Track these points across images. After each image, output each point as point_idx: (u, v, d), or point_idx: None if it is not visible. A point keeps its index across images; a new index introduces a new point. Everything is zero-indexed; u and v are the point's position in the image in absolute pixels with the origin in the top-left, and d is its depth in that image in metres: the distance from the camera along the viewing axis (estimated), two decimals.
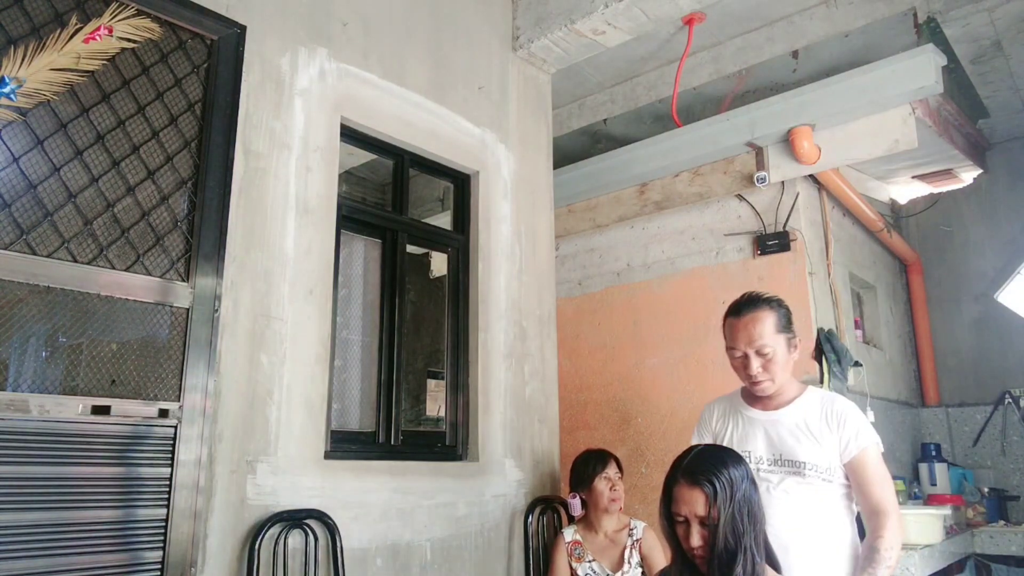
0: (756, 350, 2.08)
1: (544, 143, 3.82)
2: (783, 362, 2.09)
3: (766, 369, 2.08)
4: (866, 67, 3.48)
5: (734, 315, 2.15)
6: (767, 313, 2.10)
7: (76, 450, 1.95)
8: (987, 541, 3.90)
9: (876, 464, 2.04)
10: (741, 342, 2.10)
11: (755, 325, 2.08)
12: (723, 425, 2.25)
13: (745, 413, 2.20)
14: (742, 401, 2.23)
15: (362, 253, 3.03)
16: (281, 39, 2.64)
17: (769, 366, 2.08)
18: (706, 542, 1.59)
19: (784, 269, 3.67)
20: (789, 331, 2.13)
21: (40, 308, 1.95)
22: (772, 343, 2.07)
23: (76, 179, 2.07)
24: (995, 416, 4.59)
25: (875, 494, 2.00)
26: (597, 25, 3.47)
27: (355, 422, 2.88)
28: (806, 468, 2.04)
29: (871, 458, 2.03)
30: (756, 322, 2.09)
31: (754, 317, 2.09)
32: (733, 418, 2.23)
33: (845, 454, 2.04)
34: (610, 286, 4.43)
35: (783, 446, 2.08)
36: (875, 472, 2.02)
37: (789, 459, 2.07)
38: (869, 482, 2.01)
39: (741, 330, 2.11)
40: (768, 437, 2.12)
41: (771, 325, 2.09)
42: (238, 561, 2.23)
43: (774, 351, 2.07)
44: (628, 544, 2.84)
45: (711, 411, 2.33)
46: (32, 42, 2.00)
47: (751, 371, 2.09)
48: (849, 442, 2.03)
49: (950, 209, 5.01)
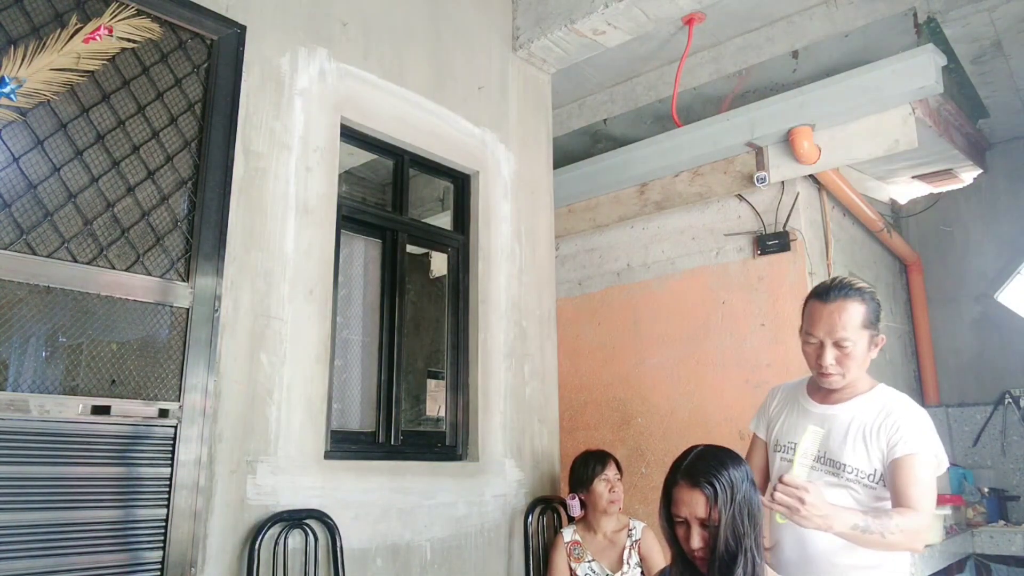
0: (835, 341, 1.89)
1: (544, 143, 3.82)
2: (860, 359, 1.91)
3: (840, 363, 1.91)
4: (866, 67, 3.48)
5: (819, 298, 1.94)
6: (857, 304, 1.90)
7: (76, 450, 1.95)
8: (987, 541, 3.91)
9: (922, 470, 1.81)
10: (821, 330, 1.91)
11: (840, 315, 1.88)
12: (779, 411, 2.13)
13: (802, 403, 2.06)
14: (804, 390, 2.08)
15: (362, 253, 3.03)
16: (281, 39, 2.64)
17: (844, 360, 1.90)
18: (706, 544, 1.58)
19: (784, 269, 3.67)
20: (875, 327, 1.93)
21: (40, 308, 1.95)
22: (854, 337, 1.89)
23: (76, 179, 2.07)
24: (995, 416, 4.59)
25: (910, 493, 1.78)
26: (597, 25, 3.47)
27: (355, 422, 2.87)
28: (846, 471, 1.90)
29: (917, 463, 1.81)
30: (843, 311, 1.88)
31: (842, 306, 1.89)
32: (790, 406, 2.10)
33: (890, 454, 1.85)
34: (610, 286, 4.43)
35: (829, 444, 1.93)
36: (917, 475, 1.80)
37: (831, 459, 1.93)
38: (906, 483, 1.79)
39: (824, 317, 1.90)
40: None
41: (858, 318, 1.89)
42: (238, 561, 2.23)
43: (854, 346, 1.89)
44: (627, 544, 2.84)
45: (774, 395, 2.20)
46: (32, 42, 2.00)
47: (823, 361, 1.91)
48: (896, 445, 1.84)
49: (950, 209, 5.01)
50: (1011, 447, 4.51)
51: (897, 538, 1.73)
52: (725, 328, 3.87)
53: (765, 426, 2.19)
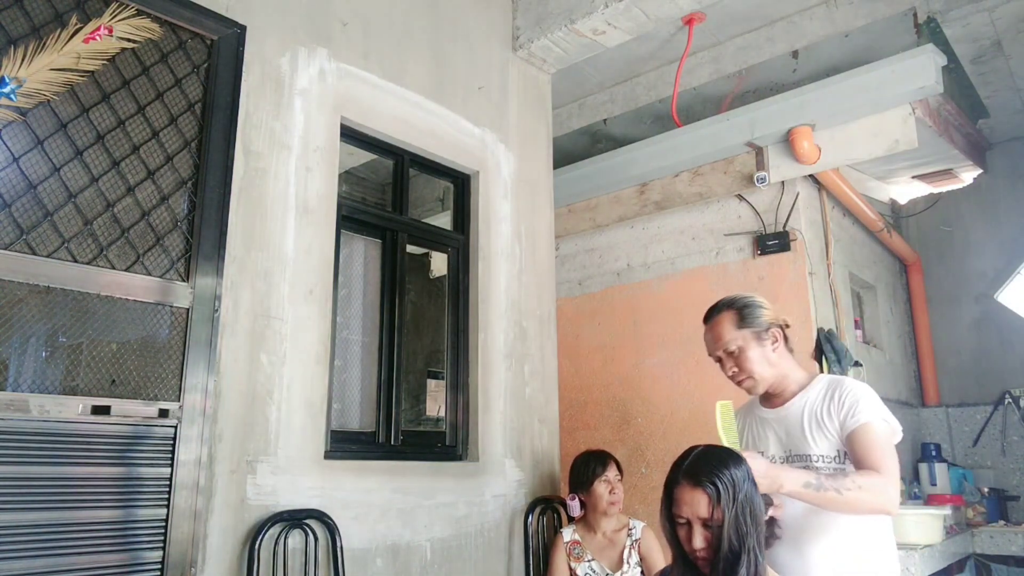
0: (723, 350, 2.10)
1: (544, 143, 3.82)
2: (757, 357, 2.06)
3: (740, 367, 2.07)
4: (866, 67, 3.48)
5: (705, 324, 2.18)
6: (724, 314, 2.11)
7: (76, 450, 1.95)
8: (987, 541, 3.91)
9: (879, 437, 1.87)
10: (711, 347, 2.14)
11: (715, 328, 2.12)
12: (744, 425, 2.22)
13: (758, 414, 2.18)
14: (758, 403, 2.21)
15: (362, 253, 3.03)
16: (281, 39, 2.64)
17: (742, 363, 2.07)
18: (709, 544, 1.58)
19: (784, 269, 3.67)
20: (754, 325, 2.07)
21: (40, 308, 1.95)
22: (734, 340, 2.07)
23: (76, 179, 2.07)
24: (995, 416, 4.59)
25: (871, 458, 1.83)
26: (597, 25, 3.47)
27: (355, 422, 2.87)
28: (813, 461, 1.97)
29: (872, 431, 1.87)
30: (716, 325, 2.12)
31: (714, 322, 2.13)
32: (750, 419, 2.21)
33: (844, 430, 1.92)
34: (610, 286, 4.43)
35: (792, 441, 2.04)
36: (875, 442, 1.85)
37: (798, 454, 2.02)
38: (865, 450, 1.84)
39: (708, 336, 2.15)
40: (778, 434, 2.08)
41: (729, 323, 2.09)
42: (238, 561, 2.23)
43: (739, 348, 2.06)
44: (627, 544, 2.84)
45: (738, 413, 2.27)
46: (32, 42, 2.00)
47: (727, 373, 2.12)
48: (847, 417, 1.92)
49: (950, 209, 5.01)
50: (1011, 447, 4.52)
51: (855, 495, 1.77)
52: None
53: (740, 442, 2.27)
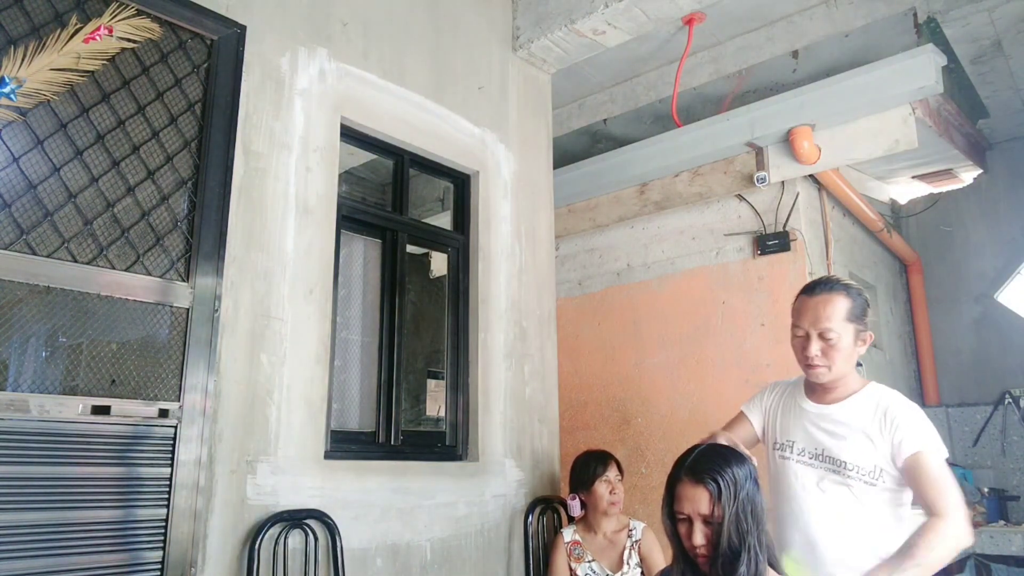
0: (820, 332, 1.97)
1: (544, 143, 3.82)
2: (846, 352, 1.98)
3: (825, 354, 1.97)
4: (866, 67, 3.48)
5: (806, 293, 2.05)
6: (841, 297, 1.99)
7: (76, 450, 1.95)
8: (987, 541, 3.90)
9: (932, 467, 1.87)
10: (806, 320, 2.00)
11: (825, 306, 1.98)
12: (775, 407, 2.18)
13: (799, 402, 2.12)
14: (801, 389, 2.14)
15: (362, 253, 3.03)
16: (281, 39, 2.64)
17: (829, 352, 1.97)
18: (709, 541, 1.58)
19: (784, 269, 3.67)
20: (861, 323, 2.01)
21: (40, 308, 1.95)
22: (838, 329, 1.96)
23: (76, 179, 2.07)
24: (995, 416, 4.59)
25: (929, 496, 1.85)
26: (597, 25, 3.47)
27: (355, 422, 2.87)
28: (847, 468, 1.95)
29: (925, 462, 1.87)
30: (827, 303, 1.98)
31: (826, 298, 1.99)
32: (786, 403, 2.15)
33: (898, 458, 1.91)
34: (610, 286, 4.43)
35: (827, 442, 2.00)
36: (929, 475, 1.86)
37: (830, 456, 1.99)
38: (923, 486, 1.86)
39: (810, 309, 2.00)
40: (813, 430, 2.04)
41: (842, 310, 1.97)
42: (238, 561, 2.23)
43: (839, 337, 1.96)
44: (627, 545, 2.84)
45: (773, 388, 2.25)
46: (32, 42, 2.00)
47: (809, 352, 1.99)
48: (901, 444, 1.90)
49: (950, 209, 5.01)
50: (1011, 447, 4.52)
51: (936, 555, 1.77)
52: (725, 328, 3.88)
53: (759, 414, 2.23)
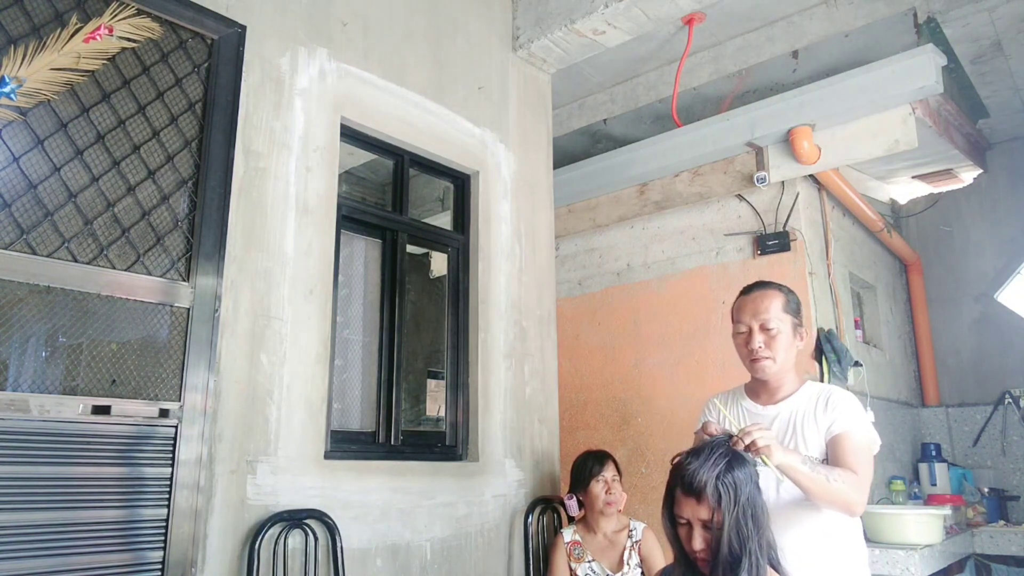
0: (761, 324, 2.08)
1: (544, 143, 3.82)
2: (786, 344, 2.08)
3: (768, 346, 2.07)
4: (866, 67, 3.47)
5: (743, 294, 2.17)
6: (775, 292, 2.12)
7: (77, 450, 1.95)
8: (987, 541, 3.90)
9: (857, 444, 1.94)
10: (746, 315, 2.11)
11: (762, 300, 2.10)
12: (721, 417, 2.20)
13: (746, 407, 2.18)
14: (744, 395, 2.21)
15: (362, 253, 3.03)
16: (281, 39, 2.64)
17: (771, 343, 2.06)
18: (708, 545, 1.57)
19: (784, 269, 3.67)
20: (797, 317, 2.12)
21: (40, 308, 1.95)
22: (777, 320, 2.07)
23: (76, 179, 2.07)
24: (995, 416, 4.59)
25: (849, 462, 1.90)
26: (597, 25, 3.47)
27: (355, 422, 2.87)
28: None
29: (852, 440, 1.94)
30: (763, 298, 2.10)
31: (762, 294, 2.12)
32: (734, 411, 2.20)
33: (828, 433, 1.98)
34: (610, 286, 4.43)
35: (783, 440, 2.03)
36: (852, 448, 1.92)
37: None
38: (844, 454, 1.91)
39: (748, 304, 2.12)
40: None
41: (778, 303, 2.09)
42: (238, 561, 2.23)
43: (778, 329, 2.06)
44: (627, 545, 2.84)
45: (713, 405, 2.29)
46: (32, 42, 2.00)
47: (752, 345, 2.08)
48: (832, 424, 1.98)
49: (950, 209, 5.01)
50: (1011, 447, 4.51)
51: (837, 486, 1.83)
52: (725, 328, 3.85)
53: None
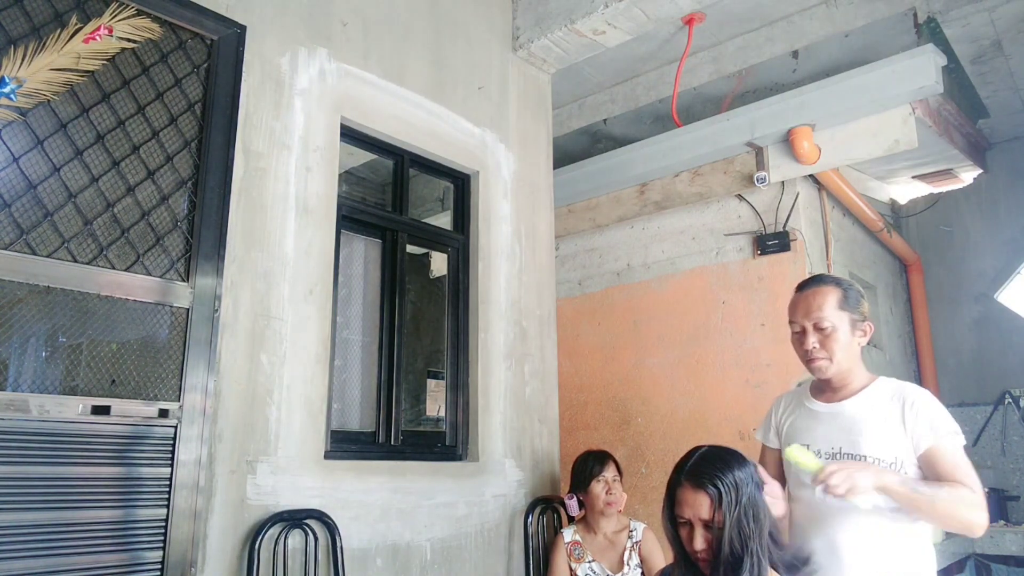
0: (814, 323, 1.96)
1: (544, 143, 3.82)
2: (845, 342, 1.96)
3: (823, 346, 1.96)
4: (866, 67, 3.48)
5: (798, 290, 2.07)
6: (830, 288, 2.00)
7: (76, 450, 1.95)
8: (987, 541, 3.91)
9: (953, 455, 1.85)
10: (799, 314, 2.00)
11: (815, 297, 1.99)
12: (786, 416, 2.15)
13: (808, 405, 2.09)
14: (808, 393, 2.11)
15: (362, 253, 3.03)
16: (281, 39, 2.64)
17: (827, 343, 1.95)
18: (709, 545, 1.56)
19: (784, 269, 3.67)
20: (856, 312, 1.99)
21: (40, 308, 1.95)
22: (832, 318, 1.95)
23: (76, 179, 2.07)
24: (995, 416, 4.59)
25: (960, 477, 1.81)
26: (597, 25, 3.47)
27: (355, 422, 2.87)
28: (867, 462, 1.90)
29: (947, 450, 1.85)
30: (816, 295, 1.99)
31: (816, 291, 2.00)
32: (796, 410, 2.12)
33: (918, 447, 1.88)
34: (610, 286, 4.43)
35: (844, 439, 1.95)
36: (952, 462, 1.84)
37: (849, 453, 1.94)
38: (949, 470, 1.82)
39: (801, 302, 2.02)
40: (828, 430, 2.00)
41: (833, 300, 1.97)
42: (238, 561, 2.23)
43: (834, 327, 1.95)
44: (628, 545, 2.84)
45: (779, 404, 2.22)
46: (32, 42, 2.00)
47: (807, 345, 1.97)
48: (922, 435, 1.87)
49: (950, 209, 5.01)
50: (1011, 447, 4.52)
51: (946, 507, 1.75)
52: (725, 328, 3.87)
53: (774, 435, 2.19)
